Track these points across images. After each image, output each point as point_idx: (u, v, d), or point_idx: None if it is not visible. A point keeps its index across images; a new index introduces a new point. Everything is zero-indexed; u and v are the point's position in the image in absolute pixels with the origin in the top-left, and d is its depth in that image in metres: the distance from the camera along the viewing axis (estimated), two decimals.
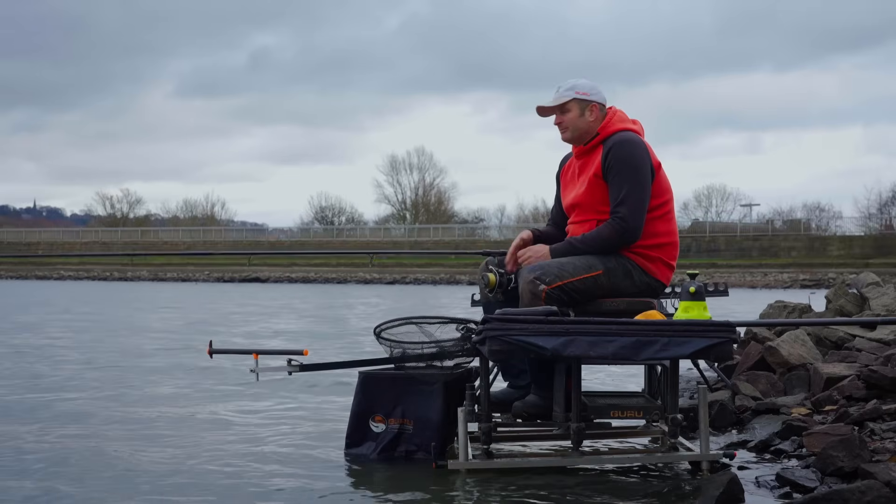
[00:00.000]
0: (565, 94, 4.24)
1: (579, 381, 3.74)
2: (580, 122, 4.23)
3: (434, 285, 41.71)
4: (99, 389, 6.32)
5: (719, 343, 3.62)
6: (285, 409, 5.49)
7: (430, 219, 69.25)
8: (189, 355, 8.52)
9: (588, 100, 4.22)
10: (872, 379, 4.50)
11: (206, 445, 4.38)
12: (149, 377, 7.01)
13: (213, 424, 4.96)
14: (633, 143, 4.15)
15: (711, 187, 67.75)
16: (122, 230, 71.52)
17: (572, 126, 4.24)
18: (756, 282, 40.80)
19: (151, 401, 5.79)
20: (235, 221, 77.60)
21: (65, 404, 5.65)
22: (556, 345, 3.55)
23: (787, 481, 3.44)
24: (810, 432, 3.87)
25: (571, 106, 4.23)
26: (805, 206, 64.31)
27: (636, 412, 3.90)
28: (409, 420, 4.06)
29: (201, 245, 65.37)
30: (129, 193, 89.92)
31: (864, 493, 2.98)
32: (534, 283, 3.95)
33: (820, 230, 60.33)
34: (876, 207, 59.93)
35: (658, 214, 4.17)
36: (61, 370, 7.42)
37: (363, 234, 67.98)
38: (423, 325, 4.17)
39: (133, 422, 5.03)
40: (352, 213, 75.41)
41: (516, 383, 4.29)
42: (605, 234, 4.10)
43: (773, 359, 5.44)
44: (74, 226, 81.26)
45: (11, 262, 57.47)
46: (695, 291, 3.87)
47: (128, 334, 11.57)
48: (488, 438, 3.83)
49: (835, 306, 7.67)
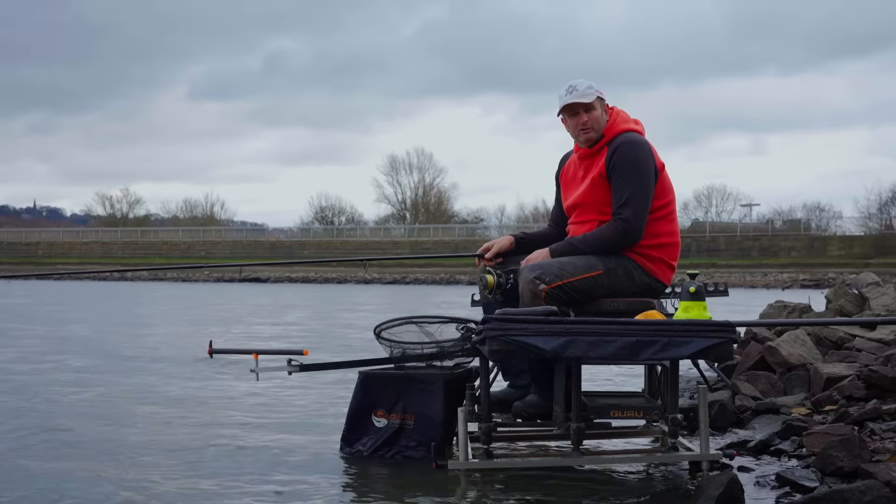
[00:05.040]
0: (590, 93, 4.13)
1: (579, 381, 3.74)
2: (601, 121, 4.18)
3: (434, 285, 41.71)
4: (99, 389, 6.32)
5: (719, 343, 3.61)
6: (285, 409, 5.49)
7: (429, 219, 69.26)
8: (189, 355, 8.52)
9: (604, 99, 4.20)
10: (872, 379, 4.50)
11: (204, 445, 4.38)
12: (148, 377, 7.01)
13: (212, 424, 4.95)
14: (638, 143, 4.14)
15: (711, 187, 67.84)
16: (121, 230, 71.53)
17: (596, 126, 4.16)
18: (756, 282, 40.79)
19: (150, 400, 5.78)
20: (235, 221, 77.65)
21: (64, 405, 5.65)
22: (556, 345, 3.55)
23: (787, 481, 3.44)
24: (810, 432, 3.87)
25: (596, 104, 4.15)
26: (805, 206, 64.41)
27: (636, 412, 3.90)
28: (411, 415, 4.07)
29: (201, 245, 65.38)
30: (129, 193, 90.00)
31: (864, 493, 2.98)
32: (534, 283, 3.94)
33: (820, 230, 60.34)
34: (876, 207, 59.99)
35: (660, 215, 4.16)
36: (60, 370, 7.43)
37: (363, 234, 67.99)
38: (423, 325, 4.17)
39: (131, 421, 5.03)
40: (352, 212, 75.51)
41: (516, 383, 4.29)
42: (606, 234, 4.09)
43: (773, 359, 5.44)
44: (74, 226, 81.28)
45: (12, 262, 57.51)
46: (695, 291, 3.86)
47: (127, 334, 11.56)
48: (488, 438, 3.83)
49: (835, 306, 7.67)
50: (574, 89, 4.14)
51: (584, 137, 4.18)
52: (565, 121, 4.23)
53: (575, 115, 4.17)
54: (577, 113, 4.16)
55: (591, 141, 4.18)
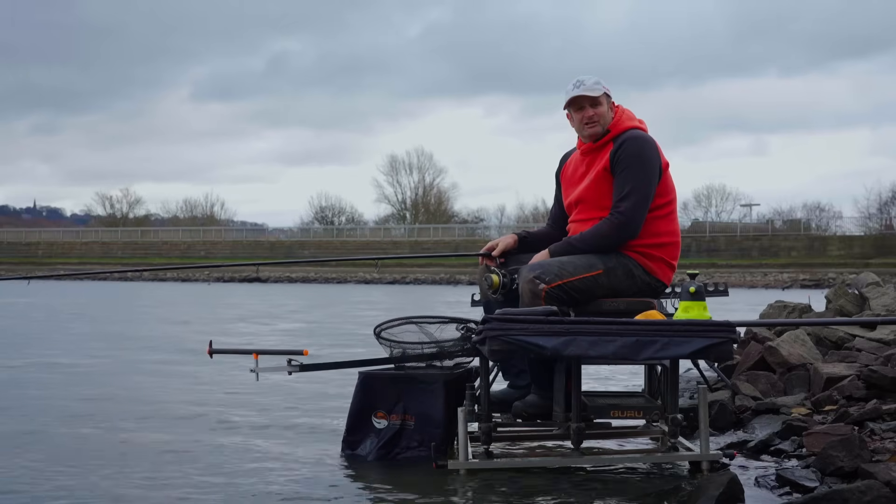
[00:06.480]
0: (597, 88, 4.15)
1: (579, 381, 3.74)
2: (607, 117, 4.18)
3: (434, 285, 41.70)
4: (98, 388, 6.32)
5: (719, 343, 3.62)
6: (284, 409, 5.49)
7: (429, 219, 69.27)
8: (188, 355, 8.52)
9: (610, 96, 4.21)
10: (872, 379, 4.50)
11: (203, 445, 4.38)
12: (147, 376, 7.01)
13: (211, 424, 4.95)
14: (644, 140, 4.14)
15: (711, 187, 67.82)
16: (121, 230, 71.54)
17: (602, 121, 4.16)
18: (756, 282, 40.80)
19: (149, 400, 5.78)
20: (235, 221, 77.65)
21: (62, 400, 5.65)
22: (557, 344, 3.55)
23: (787, 481, 3.44)
24: (810, 432, 3.87)
25: (602, 100, 4.17)
26: (805, 206, 64.41)
27: (636, 412, 3.90)
28: (411, 416, 4.06)
29: (201, 245, 65.39)
30: (129, 193, 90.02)
31: (864, 493, 2.98)
32: (534, 283, 3.94)
33: (820, 230, 60.35)
34: (876, 207, 60.00)
35: (661, 214, 4.16)
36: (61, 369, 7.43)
37: (363, 234, 68.00)
38: (423, 325, 4.16)
39: (130, 420, 5.03)
40: (352, 212, 75.53)
41: (516, 383, 4.29)
42: (603, 230, 4.09)
43: (773, 359, 5.44)
44: (74, 226, 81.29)
45: (12, 262, 57.53)
46: (695, 291, 3.86)
47: (128, 334, 11.56)
48: (488, 438, 3.83)
49: (835, 306, 7.67)
50: (581, 83, 4.16)
51: (589, 132, 4.19)
52: (570, 115, 4.24)
53: (581, 109, 4.18)
54: (582, 107, 4.17)
55: (596, 136, 4.19)
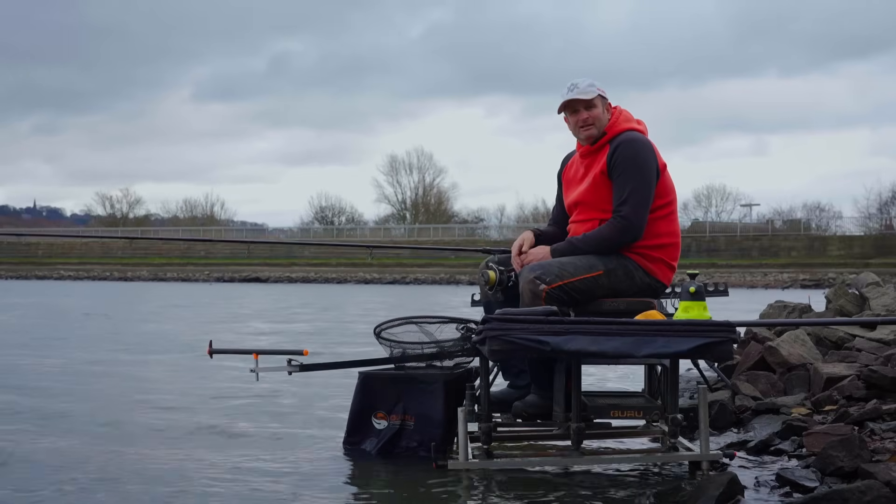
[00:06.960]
0: (591, 90, 4.14)
1: (579, 381, 3.74)
2: (603, 119, 4.18)
3: (434, 285, 41.70)
4: (97, 388, 6.32)
5: (719, 343, 3.62)
6: (284, 409, 5.49)
7: (429, 219, 69.26)
8: (188, 355, 8.52)
9: (606, 98, 4.21)
10: (872, 379, 4.50)
11: (203, 445, 4.38)
12: (147, 376, 7.01)
13: (211, 424, 4.95)
14: (640, 142, 4.14)
15: (711, 187, 67.77)
16: (121, 230, 71.51)
17: (597, 123, 4.16)
18: (756, 282, 40.81)
19: (149, 400, 5.78)
20: (235, 221, 77.65)
21: (62, 404, 5.65)
22: (558, 339, 3.55)
23: (787, 481, 3.44)
24: (810, 432, 3.87)
25: (597, 102, 4.16)
26: (805, 206, 64.37)
27: (636, 412, 3.90)
28: (411, 416, 4.07)
29: (201, 245, 65.37)
30: (129, 193, 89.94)
31: (864, 493, 2.98)
32: (534, 283, 3.94)
33: (820, 230, 60.33)
34: (876, 207, 59.98)
35: (661, 215, 4.16)
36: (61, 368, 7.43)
37: (363, 233, 67.99)
38: (423, 325, 4.17)
39: (130, 421, 5.03)
40: (352, 212, 75.51)
41: (516, 383, 4.29)
42: (606, 233, 4.09)
43: (773, 359, 5.44)
44: (74, 226, 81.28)
45: (12, 262, 57.56)
46: (695, 291, 3.86)
47: (128, 333, 11.56)
48: (488, 438, 3.83)
49: (835, 306, 7.67)
50: (575, 87, 4.16)
51: (585, 134, 4.19)
52: (567, 118, 4.24)
53: (575, 113, 4.18)
54: (577, 110, 4.17)
55: (592, 138, 4.18)
